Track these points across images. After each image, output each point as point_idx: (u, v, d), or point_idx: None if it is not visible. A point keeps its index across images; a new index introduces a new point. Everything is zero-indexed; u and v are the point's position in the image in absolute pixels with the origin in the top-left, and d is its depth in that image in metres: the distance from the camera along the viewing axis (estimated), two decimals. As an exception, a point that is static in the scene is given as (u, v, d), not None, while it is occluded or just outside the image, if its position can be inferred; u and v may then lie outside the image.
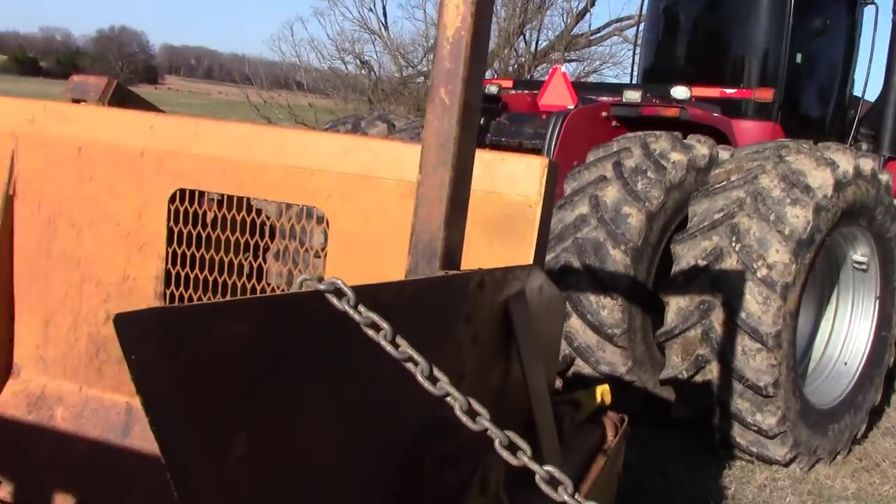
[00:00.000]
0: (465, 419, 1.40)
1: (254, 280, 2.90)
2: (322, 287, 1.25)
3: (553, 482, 1.38)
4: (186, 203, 2.79)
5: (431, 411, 1.80)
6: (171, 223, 2.79)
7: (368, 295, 1.37)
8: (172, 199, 2.78)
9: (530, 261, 2.47)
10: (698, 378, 5.40)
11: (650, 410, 5.97)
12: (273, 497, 1.23)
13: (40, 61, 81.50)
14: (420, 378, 1.33)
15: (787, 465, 5.44)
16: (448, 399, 1.33)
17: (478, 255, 2.17)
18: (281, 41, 41.86)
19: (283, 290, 2.92)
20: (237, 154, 2.69)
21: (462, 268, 2.03)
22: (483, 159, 2.17)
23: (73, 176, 2.86)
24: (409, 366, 1.32)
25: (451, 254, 1.86)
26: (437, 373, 1.37)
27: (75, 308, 2.92)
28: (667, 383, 5.67)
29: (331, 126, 7.92)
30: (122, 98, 3.22)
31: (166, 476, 2.81)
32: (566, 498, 1.30)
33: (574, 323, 5.66)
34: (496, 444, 1.34)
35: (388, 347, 1.30)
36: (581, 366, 5.77)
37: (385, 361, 1.52)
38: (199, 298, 2.84)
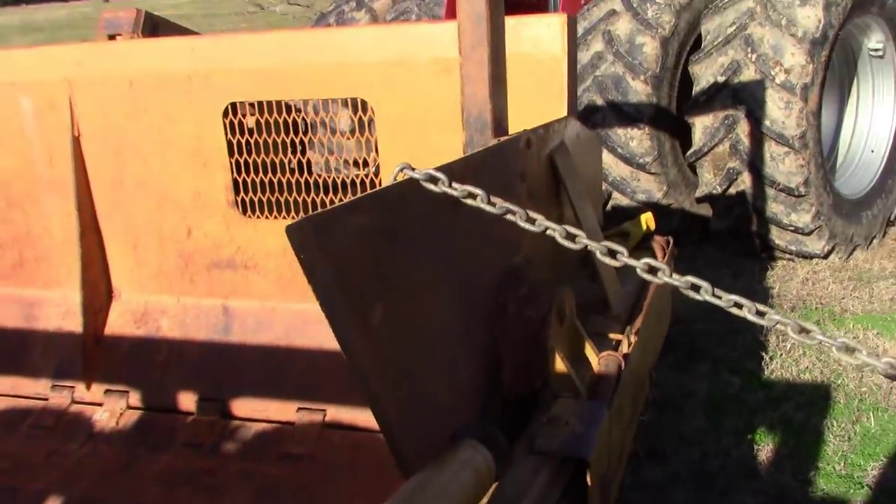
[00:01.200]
0: (566, 243, 1.61)
1: (305, 174, 3.14)
2: (418, 176, 1.48)
3: (652, 270, 1.59)
4: (239, 115, 3.01)
5: (504, 262, 2.07)
6: (229, 135, 3.01)
7: (447, 173, 1.61)
8: (226, 114, 2.99)
9: (564, 113, 2.68)
10: (732, 190, 5.64)
11: (690, 229, 6.25)
12: (406, 348, 1.51)
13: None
14: (521, 223, 1.56)
15: (825, 257, 5.72)
16: (548, 231, 1.56)
17: (517, 116, 2.38)
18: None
19: (324, 177, 3.18)
20: (278, 62, 2.88)
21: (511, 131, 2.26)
22: (507, 24, 2.33)
23: (129, 109, 3.07)
24: (509, 216, 1.55)
25: (499, 121, 2.07)
26: (532, 214, 1.60)
27: (158, 229, 3.19)
28: (702, 200, 5.92)
29: (318, 21, 7.96)
30: (152, 25, 3.40)
31: (267, 364, 3.14)
32: (666, 279, 1.53)
33: (606, 159, 5.87)
34: (597, 254, 1.57)
35: (487, 207, 1.54)
36: (618, 198, 6.03)
37: (466, 228, 1.77)
38: (266, 200, 3.09)
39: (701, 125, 5.59)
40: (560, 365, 2.02)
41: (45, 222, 3.33)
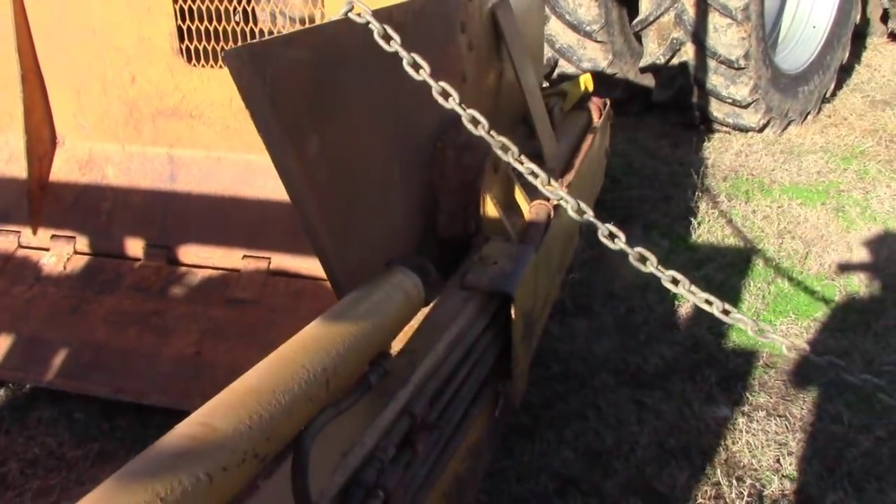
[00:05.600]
0: (470, 127, 1.73)
1: (251, 24, 3.14)
2: (357, 19, 1.54)
3: (534, 175, 1.74)
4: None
5: (444, 111, 2.16)
6: (174, -21, 2.99)
7: (384, 16, 1.68)
8: (169, -47, 2.96)
9: (509, -31, 2.71)
10: (675, 61, 5.71)
11: (633, 99, 6.36)
12: (342, 181, 1.61)
13: None
14: (436, 94, 1.65)
15: (760, 130, 5.89)
16: (455, 107, 1.65)
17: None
18: None
19: (270, 30, 3.17)
20: None
21: (451, -17, 2.29)
22: None
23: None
24: (423, 80, 1.63)
25: (442, -29, 2.11)
26: (448, 89, 1.68)
27: (101, 74, 3.18)
28: (646, 70, 5.99)
29: None
30: None
31: (213, 213, 3.20)
32: (541, 188, 1.66)
33: (553, 25, 5.87)
34: (492, 146, 1.68)
35: (410, 70, 1.61)
36: (564, 66, 6.07)
37: (406, 73, 1.85)
38: (212, 49, 3.09)
39: (648, -7, 5.61)
40: (493, 210, 2.15)
41: (-16, 66, 3.29)
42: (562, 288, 2.89)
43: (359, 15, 1.57)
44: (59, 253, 3.30)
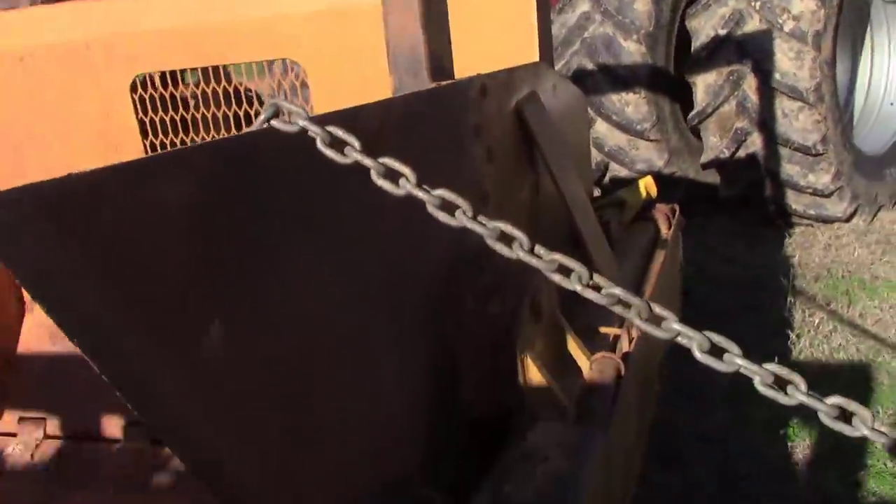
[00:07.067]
0: (499, 249, 1.09)
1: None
2: (282, 127, 0.97)
3: (624, 305, 1.08)
4: (150, 89, 2.52)
5: (457, 243, 1.57)
6: (141, 114, 2.53)
7: (347, 122, 1.11)
8: (134, 88, 2.50)
9: (535, 58, 2.19)
10: (741, 153, 5.13)
11: (697, 199, 5.73)
12: (277, 396, 0.98)
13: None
14: (432, 209, 1.05)
15: (848, 220, 5.21)
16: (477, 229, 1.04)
17: (473, 61, 1.88)
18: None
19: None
20: (193, 21, 2.37)
21: (458, 77, 1.76)
22: (456, -51, 1.84)
23: (23, 87, 2.60)
24: (422, 199, 1.04)
25: (439, 61, 1.57)
26: (451, 197, 1.09)
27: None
28: (709, 166, 5.42)
29: None
30: (52, -2, 2.91)
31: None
32: (636, 321, 1.01)
33: (600, 127, 5.37)
34: (544, 271, 1.05)
35: (387, 185, 1.03)
36: (616, 169, 5.54)
37: (389, 199, 1.27)
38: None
39: (703, 84, 5.09)
40: (537, 375, 1.53)
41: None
42: (643, 458, 2.24)
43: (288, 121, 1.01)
44: (26, 439, 2.76)
